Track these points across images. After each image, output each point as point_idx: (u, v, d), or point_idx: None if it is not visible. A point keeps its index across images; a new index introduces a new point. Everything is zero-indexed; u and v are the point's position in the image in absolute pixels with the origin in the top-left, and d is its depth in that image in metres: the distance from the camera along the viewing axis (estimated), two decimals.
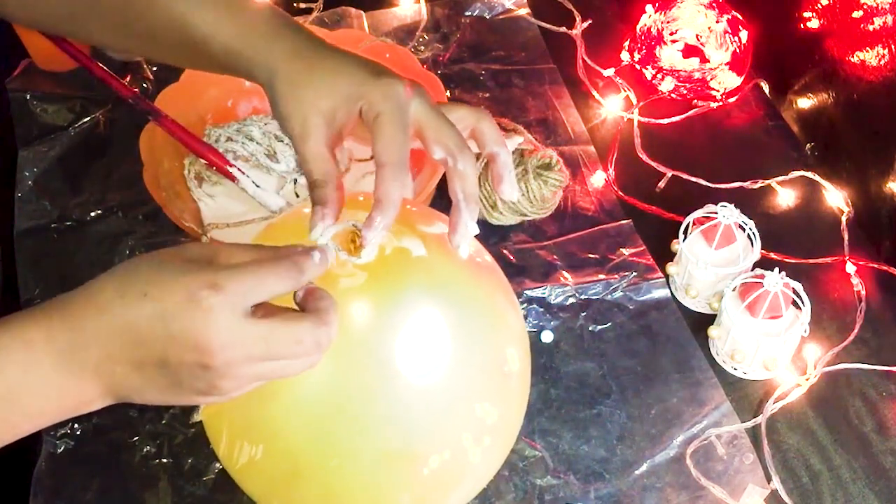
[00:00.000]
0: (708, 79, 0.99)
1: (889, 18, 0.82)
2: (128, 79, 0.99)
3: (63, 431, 0.74)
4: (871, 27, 0.84)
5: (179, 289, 0.45)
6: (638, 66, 1.02)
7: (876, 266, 0.87)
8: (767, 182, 0.93)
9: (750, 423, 0.77)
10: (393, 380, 0.56)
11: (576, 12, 1.08)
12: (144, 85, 0.99)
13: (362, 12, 1.07)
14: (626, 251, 0.88)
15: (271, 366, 0.48)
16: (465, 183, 0.57)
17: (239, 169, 0.86)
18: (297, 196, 0.88)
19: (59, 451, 0.73)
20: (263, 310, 0.48)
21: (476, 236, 0.60)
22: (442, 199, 0.76)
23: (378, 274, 0.56)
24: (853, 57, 0.88)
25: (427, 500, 0.60)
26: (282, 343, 0.47)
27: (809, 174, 0.93)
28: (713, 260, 0.81)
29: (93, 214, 0.89)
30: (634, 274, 0.86)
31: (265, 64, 0.57)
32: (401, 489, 0.59)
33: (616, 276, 0.86)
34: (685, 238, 0.82)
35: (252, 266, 0.47)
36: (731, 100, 1.01)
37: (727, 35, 0.99)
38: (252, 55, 0.58)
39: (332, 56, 0.58)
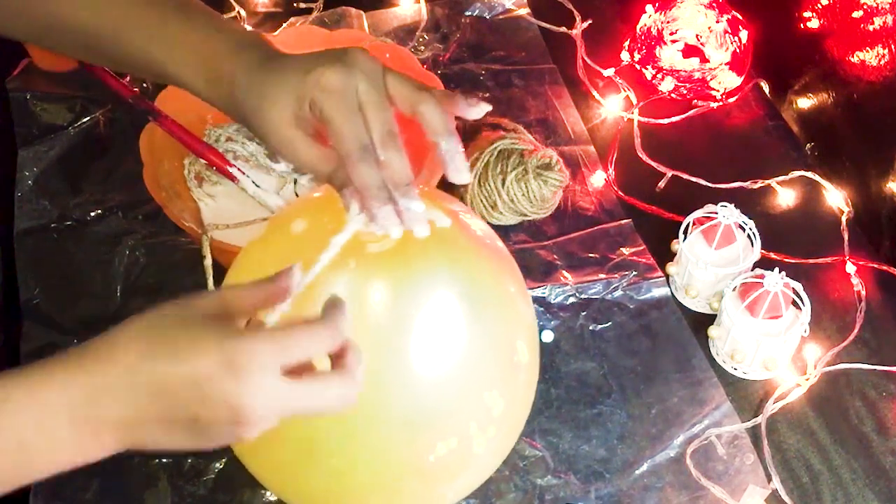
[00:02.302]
0: (708, 79, 0.99)
1: (889, 18, 0.82)
2: (128, 79, 0.99)
3: None
4: (871, 27, 0.84)
5: (213, 351, 0.46)
6: (638, 66, 1.02)
7: (876, 266, 0.87)
8: (767, 182, 0.93)
9: (750, 423, 0.77)
10: (407, 359, 0.56)
11: (576, 12, 1.08)
12: (144, 85, 0.99)
13: (362, 12, 1.07)
14: (626, 251, 0.88)
15: (297, 415, 0.49)
16: (433, 125, 0.55)
17: (239, 169, 0.86)
18: (297, 196, 0.88)
19: None
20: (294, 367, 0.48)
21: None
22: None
23: (405, 240, 0.56)
24: (853, 57, 0.88)
25: (431, 487, 0.60)
26: (312, 401, 0.48)
27: (809, 174, 0.93)
28: (713, 260, 0.81)
29: (93, 214, 0.89)
30: (634, 273, 0.86)
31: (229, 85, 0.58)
32: (407, 475, 0.59)
33: (616, 275, 0.86)
34: (685, 238, 0.82)
35: (289, 330, 0.47)
36: (731, 100, 1.01)
37: (727, 35, 0.99)
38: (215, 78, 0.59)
39: (277, 66, 0.57)
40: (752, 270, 0.80)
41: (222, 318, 0.48)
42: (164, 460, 0.74)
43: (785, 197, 0.93)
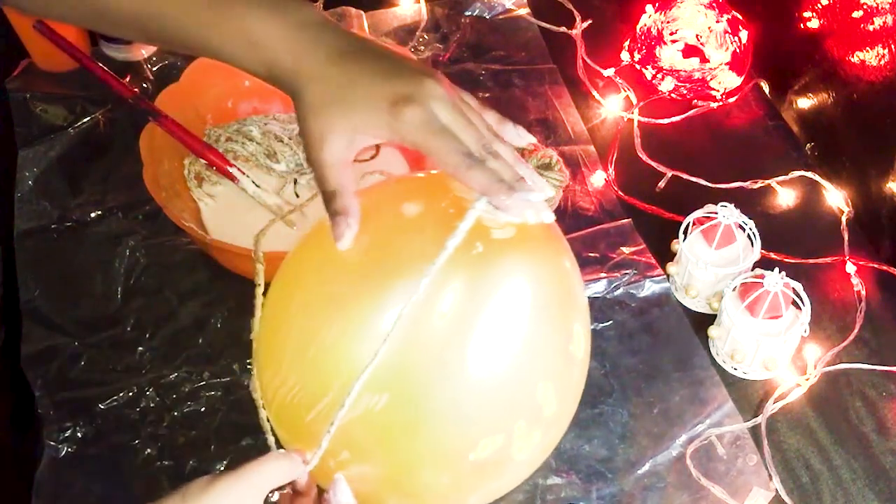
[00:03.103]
0: (708, 79, 0.99)
1: (889, 18, 0.82)
2: (128, 79, 0.99)
3: (65, 435, 0.74)
4: (871, 27, 0.84)
5: None
6: (638, 66, 1.02)
7: (876, 266, 0.87)
8: (767, 182, 0.93)
9: (750, 423, 0.77)
10: (480, 345, 0.55)
11: (576, 12, 1.08)
12: (144, 85, 0.99)
13: (362, 12, 1.07)
14: (626, 249, 0.88)
15: None
16: (487, 189, 0.55)
17: (239, 169, 0.86)
18: (297, 196, 0.88)
19: (61, 455, 0.73)
20: None
21: None
22: None
23: (523, 230, 0.57)
24: (853, 57, 0.88)
25: (465, 485, 0.59)
26: None
27: (809, 174, 0.93)
28: (713, 260, 0.82)
29: (93, 215, 0.89)
30: (635, 271, 0.86)
31: (294, 68, 0.56)
32: (441, 473, 0.57)
33: (617, 273, 0.86)
34: (685, 238, 0.83)
35: None
36: (731, 100, 1.01)
37: (727, 35, 0.99)
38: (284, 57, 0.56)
39: (363, 71, 0.56)
40: (752, 270, 0.80)
41: None
42: (166, 463, 0.74)
43: (785, 197, 0.93)
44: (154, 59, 1.02)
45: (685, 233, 0.83)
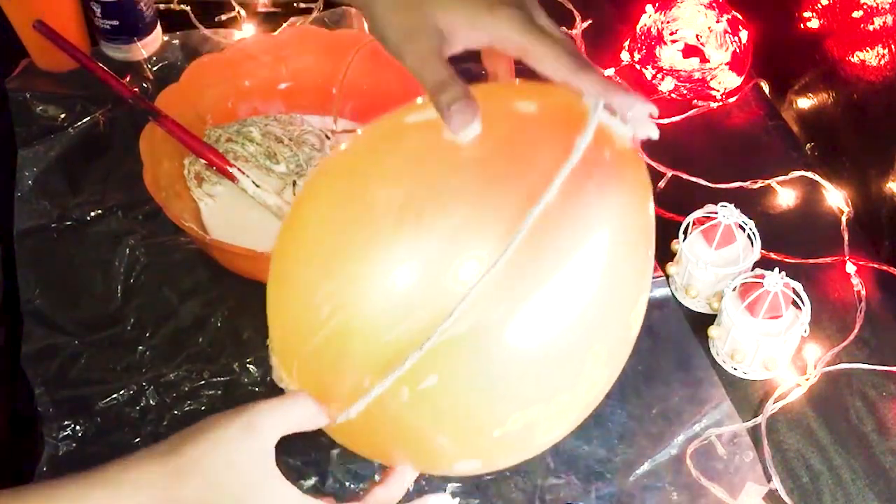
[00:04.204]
0: (708, 79, 1.00)
1: (889, 18, 0.82)
2: (128, 79, 0.99)
3: (65, 434, 0.74)
4: (871, 27, 0.84)
5: None
6: (638, 66, 1.02)
7: (876, 266, 0.87)
8: (767, 182, 0.93)
9: (750, 423, 0.77)
10: (552, 293, 0.48)
11: (576, 12, 1.08)
12: (144, 85, 0.99)
13: None
14: None
15: None
16: (605, 90, 0.50)
17: (239, 169, 0.86)
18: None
19: (61, 452, 0.73)
20: None
21: None
22: None
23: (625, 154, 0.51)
24: (853, 57, 0.88)
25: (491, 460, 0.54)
26: None
27: (809, 174, 0.93)
28: (713, 260, 0.82)
29: (93, 214, 0.89)
30: None
31: None
32: (458, 443, 0.51)
33: None
34: (685, 238, 0.83)
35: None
36: (731, 100, 1.01)
37: (727, 35, 0.99)
38: None
39: None
40: (752, 270, 0.80)
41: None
42: None
43: (785, 197, 0.93)
44: (154, 59, 1.02)
45: (685, 233, 0.83)
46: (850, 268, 0.87)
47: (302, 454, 0.72)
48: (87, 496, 0.48)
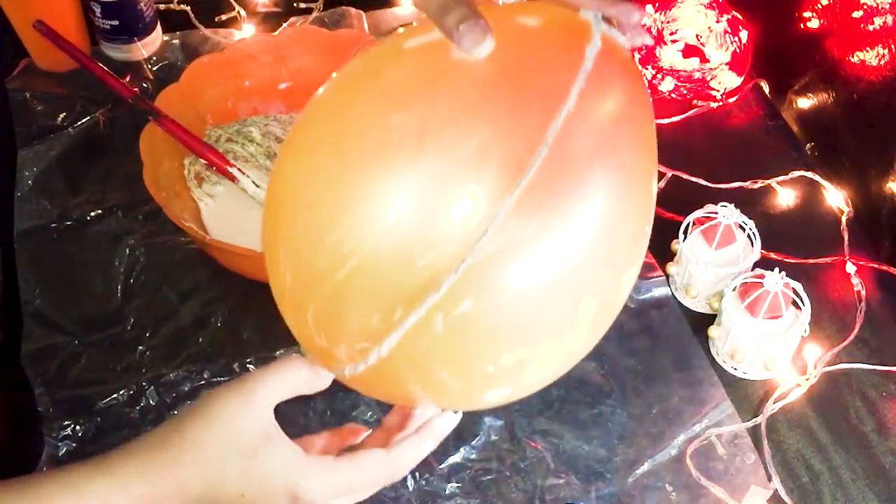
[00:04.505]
0: (708, 79, 1.00)
1: (889, 18, 0.82)
2: (128, 79, 0.99)
3: (65, 433, 0.74)
4: (871, 27, 0.84)
5: (280, 489, 0.49)
6: (638, 66, 1.02)
7: (876, 266, 0.87)
8: (767, 182, 0.93)
9: (750, 423, 0.77)
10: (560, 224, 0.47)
11: None
12: (144, 85, 0.99)
13: (362, 12, 1.07)
14: None
15: None
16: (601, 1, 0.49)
17: (239, 169, 0.86)
18: None
19: (61, 452, 0.73)
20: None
21: None
22: None
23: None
24: (853, 57, 0.88)
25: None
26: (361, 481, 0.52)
27: (809, 174, 0.93)
28: (713, 260, 0.82)
29: (93, 214, 0.89)
30: None
31: None
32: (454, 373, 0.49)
33: None
34: (685, 238, 0.83)
35: (348, 466, 0.51)
36: (731, 100, 1.01)
37: (727, 35, 0.99)
38: None
39: None
40: (752, 270, 0.80)
41: (288, 451, 0.50)
42: None
43: (785, 197, 0.93)
44: (154, 59, 1.02)
45: (685, 233, 0.83)
46: (850, 268, 0.87)
47: None
48: (92, 484, 0.48)
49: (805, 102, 0.98)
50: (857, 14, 0.86)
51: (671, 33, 1.00)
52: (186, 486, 0.49)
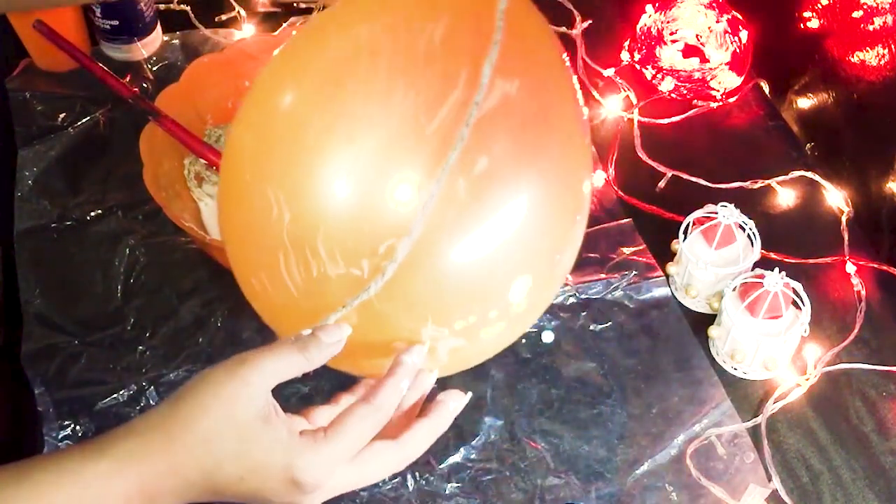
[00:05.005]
0: (708, 79, 1.00)
1: (889, 18, 0.82)
2: (128, 79, 0.99)
3: (65, 433, 0.74)
4: (871, 27, 0.84)
5: (277, 471, 0.49)
6: (638, 66, 1.02)
7: (876, 266, 0.87)
8: (767, 182, 0.93)
9: (750, 423, 0.77)
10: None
11: (576, 12, 1.08)
12: (144, 85, 0.99)
13: None
14: (626, 250, 0.88)
15: None
16: None
17: None
18: None
19: None
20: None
21: None
22: None
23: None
24: (853, 57, 0.88)
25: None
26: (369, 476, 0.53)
27: (809, 174, 0.93)
28: (713, 260, 0.82)
29: (93, 214, 0.89)
30: (635, 273, 0.86)
31: None
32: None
33: (616, 275, 0.86)
34: (685, 238, 0.83)
35: (344, 440, 0.51)
36: (731, 100, 1.01)
37: (727, 35, 0.99)
38: None
39: None
40: (752, 270, 0.80)
41: (283, 431, 0.50)
42: None
43: (785, 197, 0.93)
44: (154, 59, 1.02)
45: (685, 233, 0.83)
46: (850, 268, 0.87)
47: None
48: (88, 470, 0.48)
49: (805, 102, 0.98)
50: (857, 14, 0.86)
51: (671, 33, 1.00)
52: (183, 470, 0.48)
